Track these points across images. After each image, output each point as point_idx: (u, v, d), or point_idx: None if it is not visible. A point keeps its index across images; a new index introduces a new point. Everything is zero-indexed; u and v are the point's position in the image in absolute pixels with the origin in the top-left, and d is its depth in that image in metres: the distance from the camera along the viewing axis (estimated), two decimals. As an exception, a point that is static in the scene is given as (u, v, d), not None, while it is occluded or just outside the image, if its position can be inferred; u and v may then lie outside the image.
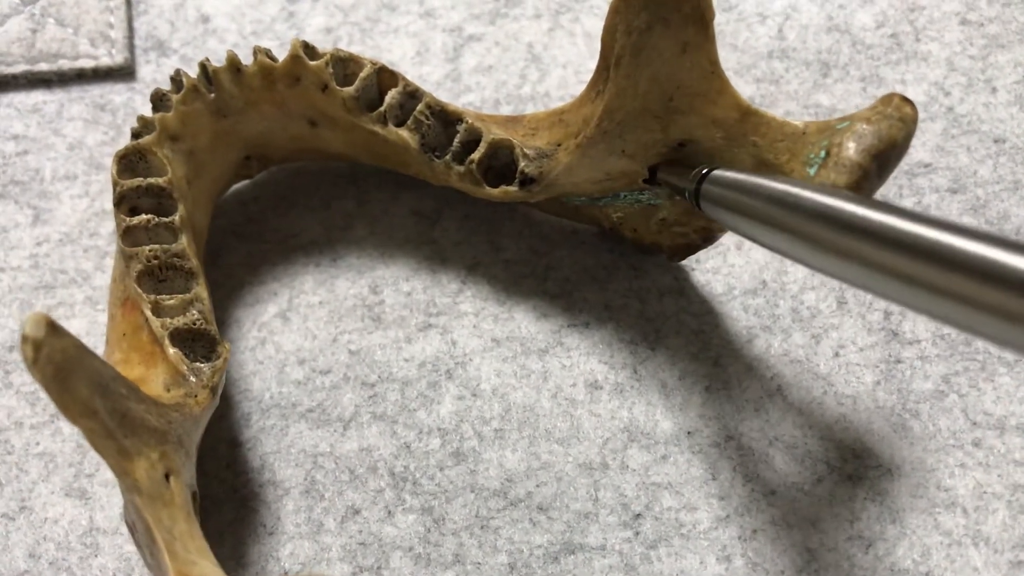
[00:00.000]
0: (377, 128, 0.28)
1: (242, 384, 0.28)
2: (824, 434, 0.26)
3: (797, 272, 0.29)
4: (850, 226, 0.18)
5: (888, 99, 0.22)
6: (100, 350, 0.28)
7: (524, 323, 0.29)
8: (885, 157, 0.21)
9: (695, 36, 0.23)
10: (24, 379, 0.28)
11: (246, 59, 0.34)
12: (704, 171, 0.23)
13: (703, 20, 0.22)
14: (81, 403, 0.17)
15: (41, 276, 0.30)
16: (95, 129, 0.32)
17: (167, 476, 0.19)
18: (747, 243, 0.30)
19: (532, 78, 0.34)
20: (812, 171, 0.22)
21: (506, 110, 0.33)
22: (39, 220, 0.31)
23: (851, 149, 0.21)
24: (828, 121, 0.23)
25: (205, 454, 0.26)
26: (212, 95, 0.27)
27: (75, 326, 0.29)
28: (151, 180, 0.25)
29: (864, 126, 0.21)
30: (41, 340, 0.16)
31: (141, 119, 0.27)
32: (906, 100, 0.22)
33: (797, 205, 0.19)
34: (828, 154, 0.21)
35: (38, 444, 0.27)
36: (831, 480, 0.26)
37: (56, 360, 0.17)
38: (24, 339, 0.16)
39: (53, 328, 0.17)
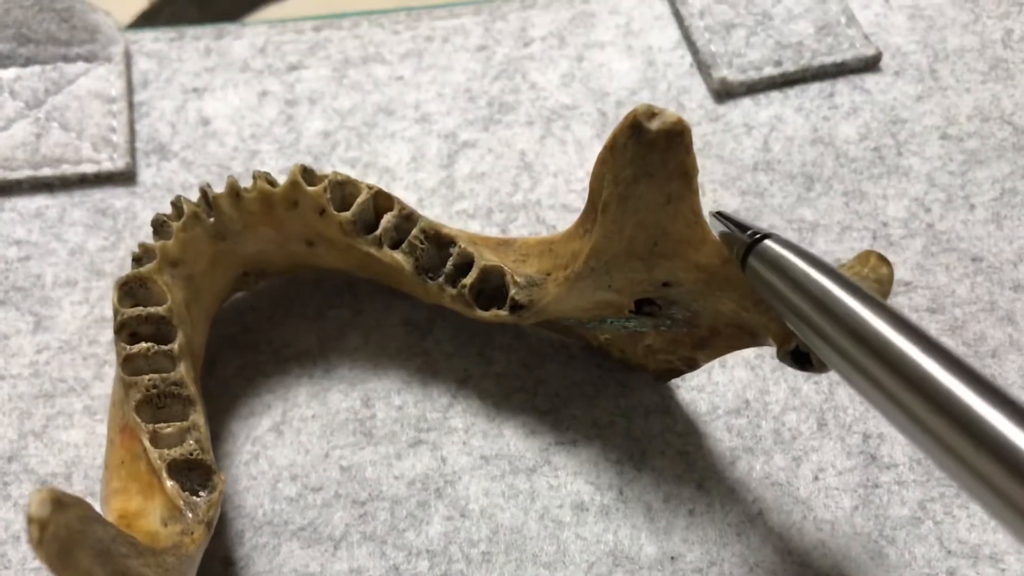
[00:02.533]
0: (373, 250, 0.28)
1: (236, 500, 0.28)
2: (803, 560, 0.27)
3: (779, 392, 0.30)
4: (885, 360, 0.18)
5: (865, 258, 0.23)
6: (97, 462, 0.29)
7: (513, 440, 0.29)
8: (861, 318, 0.22)
9: (679, 188, 0.23)
10: (22, 491, 0.29)
11: (245, 163, 0.35)
12: (758, 236, 0.23)
13: (687, 175, 0.23)
14: (82, 574, 0.18)
15: (41, 385, 0.30)
16: (96, 234, 0.33)
17: (163, 629, 0.20)
18: (730, 361, 0.30)
19: (524, 186, 0.34)
20: (791, 323, 0.23)
21: (498, 217, 0.34)
22: (40, 327, 0.31)
23: (828, 311, 0.22)
24: (807, 273, 0.23)
25: (199, 573, 0.27)
26: (211, 220, 0.28)
27: (73, 436, 0.29)
28: (151, 310, 0.26)
29: (841, 287, 0.22)
30: (47, 519, 0.17)
31: (142, 246, 0.27)
32: (883, 259, 0.22)
33: (837, 319, 0.20)
34: (806, 312, 0.22)
35: (35, 559, 0.27)
36: (809, 608, 0.26)
37: (60, 536, 0.17)
38: (30, 520, 0.17)
39: (59, 504, 0.17)
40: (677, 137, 0.22)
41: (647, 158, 0.23)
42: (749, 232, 0.23)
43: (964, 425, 0.17)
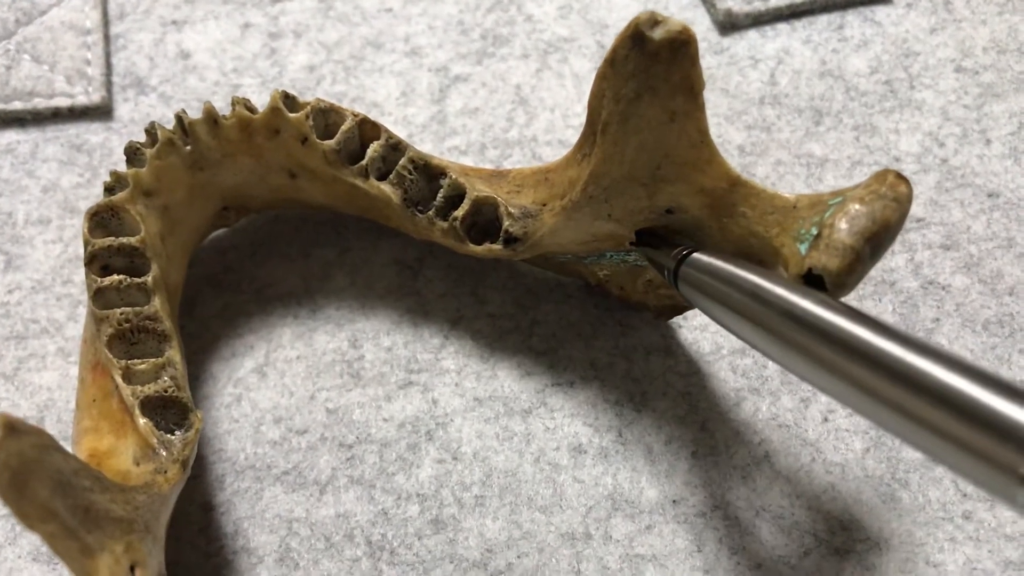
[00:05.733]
0: (358, 181, 0.27)
1: (216, 444, 0.27)
2: (812, 504, 0.26)
3: (786, 331, 0.28)
4: (818, 331, 0.18)
5: (882, 176, 0.21)
6: (71, 406, 0.28)
7: (507, 381, 0.28)
8: (879, 239, 0.20)
9: (684, 105, 0.22)
10: (-8, 435, 0.27)
11: (226, 97, 0.33)
12: (684, 252, 0.23)
13: (692, 90, 0.22)
14: (40, 507, 0.17)
15: (12, 326, 0.29)
16: (70, 171, 0.32)
17: (132, 569, 0.19)
18: (736, 300, 0.29)
19: (519, 121, 0.33)
20: (803, 247, 0.21)
21: (492, 154, 0.32)
22: (11, 266, 0.30)
23: (843, 231, 0.20)
24: (820, 195, 0.22)
25: (178, 517, 0.26)
26: (188, 148, 0.26)
27: (46, 379, 0.28)
28: (123, 240, 0.25)
29: (857, 206, 0.21)
30: (-3, 445, 0.16)
31: (114, 174, 0.26)
32: (901, 178, 0.21)
33: (769, 302, 0.20)
34: (820, 234, 0.21)
35: (4, 505, 0.26)
36: (818, 553, 0.25)
37: (13, 465, 0.16)
38: (-22, 444, 0.16)
39: (11, 429, 0.16)
40: (682, 47, 0.21)
41: (650, 71, 0.21)
42: (676, 250, 0.24)
43: (904, 380, 0.16)
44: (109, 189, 0.26)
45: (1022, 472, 0.14)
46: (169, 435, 0.23)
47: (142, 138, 0.32)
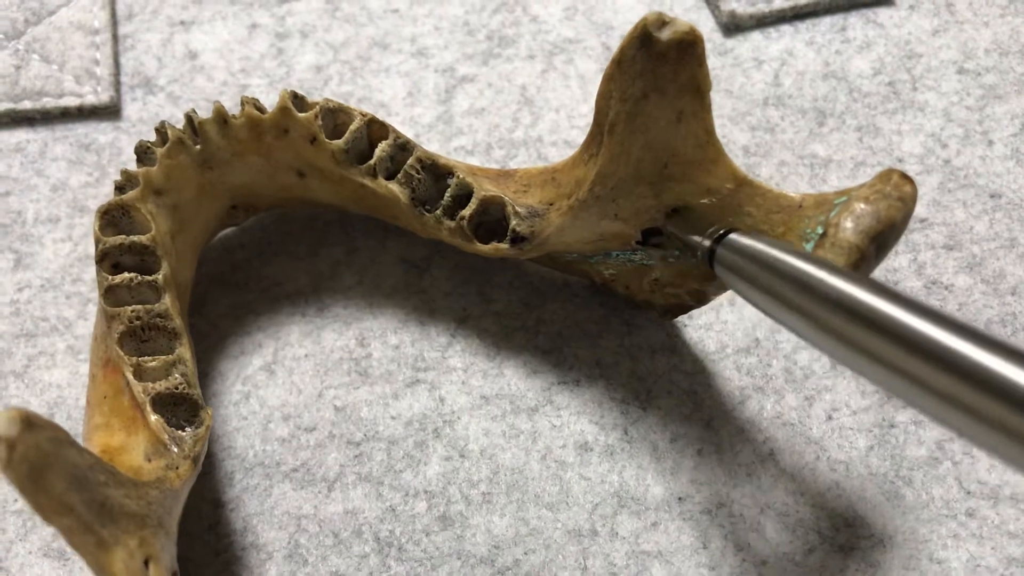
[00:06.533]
0: (367, 181, 0.27)
1: (226, 441, 0.27)
2: (816, 501, 0.26)
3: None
4: (870, 321, 0.17)
5: (887, 176, 0.21)
6: (80, 403, 0.28)
7: (514, 380, 0.28)
8: (884, 238, 0.21)
9: (691, 105, 0.22)
10: (3, 432, 0.27)
11: (233, 97, 0.33)
12: (722, 232, 0.22)
13: (699, 90, 0.22)
14: (56, 500, 0.17)
15: (22, 324, 0.29)
16: (79, 170, 0.32)
17: (146, 563, 0.19)
18: (740, 299, 0.29)
19: (525, 122, 0.33)
20: (808, 247, 0.22)
21: (498, 154, 0.32)
22: (20, 265, 0.30)
23: (849, 230, 0.21)
24: (825, 195, 0.22)
25: (188, 514, 0.26)
26: (198, 147, 0.27)
27: (56, 377, 0.28)
28: (134, 238, 0.25)
29: (862, 206, 0.21)
30: (15, 439, 0.16)
31: (125, 173, 0.26)
32: (905, 178, 0.21)
33: (818, 292, 0.18)
34: (825, 233, 0.21)
35: (16, 501, 0.26)
36: (823, 550, 0.25)
37: (31, 458, 0.16)
38: (-3, 438, 0.16)
39: (28, 424, 0.16)
40: (689, 48, 0.21)
41: (657, 71, 0.21)
42: (712, 230, 0.23)
43: (951, 366, 0.15)
44: (120, 188, 0.26)
45: None
46: (180, 431, 0.23)
47: (150, 137, 0.32)
